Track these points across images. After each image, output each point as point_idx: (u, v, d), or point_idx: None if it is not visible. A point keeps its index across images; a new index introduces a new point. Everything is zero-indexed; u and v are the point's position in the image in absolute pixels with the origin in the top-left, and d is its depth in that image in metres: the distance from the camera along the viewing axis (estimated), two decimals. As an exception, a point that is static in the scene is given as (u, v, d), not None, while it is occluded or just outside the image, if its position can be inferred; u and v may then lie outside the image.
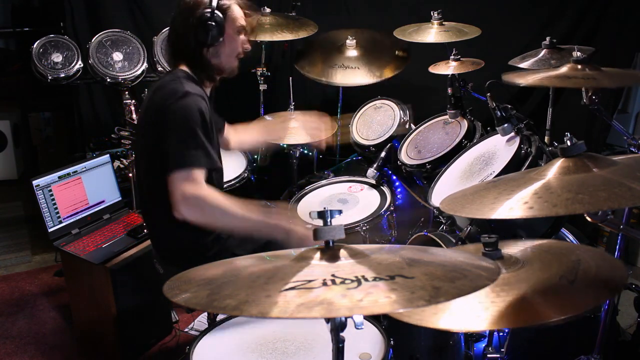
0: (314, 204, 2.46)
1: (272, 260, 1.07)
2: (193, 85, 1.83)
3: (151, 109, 1.88)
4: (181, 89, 1.78)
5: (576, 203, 0.98)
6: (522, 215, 1.02)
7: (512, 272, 1.17)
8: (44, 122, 4.34)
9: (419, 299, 0.82)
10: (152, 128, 1.84)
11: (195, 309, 2.15)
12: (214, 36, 1.84)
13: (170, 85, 1.83)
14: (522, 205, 1.04)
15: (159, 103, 1.81)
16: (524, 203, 1.04)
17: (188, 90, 1.78)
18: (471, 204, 1.16)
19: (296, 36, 2.94)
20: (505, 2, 3.48)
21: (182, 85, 1.80)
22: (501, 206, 1.07)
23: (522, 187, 1.11)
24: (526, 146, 1.93)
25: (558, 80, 1.59)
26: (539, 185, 1.10)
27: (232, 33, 1.89)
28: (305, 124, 2.51)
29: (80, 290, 2.43)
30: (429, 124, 2.66)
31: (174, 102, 1.76)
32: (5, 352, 2.47)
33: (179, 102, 1.76)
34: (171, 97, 1.77)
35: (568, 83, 1.58)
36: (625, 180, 1.02)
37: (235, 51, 1.93)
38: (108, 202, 2.61)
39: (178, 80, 1.84)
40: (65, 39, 3.01)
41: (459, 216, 2.04)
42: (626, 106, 3.57)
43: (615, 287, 1.14)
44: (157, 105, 1.83)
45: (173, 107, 1.76)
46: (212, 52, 1.88)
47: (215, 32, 1.83)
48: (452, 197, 1.27)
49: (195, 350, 1.47)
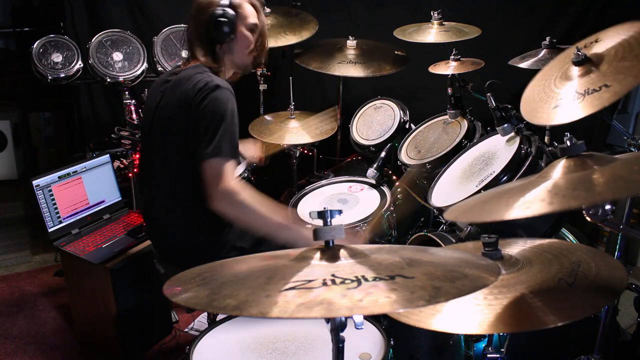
0: (314, 204, 2.46)
1: (272, 260, 1.07)
2: (220, 79, 1.85)
3: (174, 103, 1.85)
4: (212, 81, 1.79)
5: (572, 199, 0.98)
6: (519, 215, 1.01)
7: (512, 273, 1.17)
8: (44, 122, 4.34)
9: (419, 299, 0.82)
10: (175, 124, 1.83)
11: (195, 309, 2.16)
12: (225, 33, 1.88)
13: (198, 77, 1.82)
14: (540, 202, 1.02)
15: (186, 96, 1.80)
16: (542, 200, 1.02)
17: (218, 84, 1.79)
18: (473, 210, 1.16)
19: (299, 38, 2.94)
20: (505, 2, 3.49)
21: (212, 78, 1.81)
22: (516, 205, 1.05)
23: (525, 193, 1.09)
24: (526, 146, 1.93)
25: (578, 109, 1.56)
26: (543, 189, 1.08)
27: (244, 30, 1.93)
28: (247, 151, 2.52)
29: (80, 290, 2.43)
30: (429, 124, 2.66)
31: (206, 96, 1.76)
32: (5, 352, 2.47)
33: (211, 95, 1.76)
34: (202, 90, 1.78)
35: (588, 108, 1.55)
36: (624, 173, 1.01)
37: (248, 48, 1.97)
38: (108, 202, 2.61)
39: (205, 73, 1.85)
40: (65, 39, 3.01)
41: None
42: (626, 106, 3.57)
43: (615, 291, 1.13)
44: (184, 98, 1.81)
45: (205, 100, 1.76)
46: (225, 49, 1.92)
47: (227, 29, 1.88)
48: (458, 207, 1.26)
49: (195, 350, 1.47)
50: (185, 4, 1.95)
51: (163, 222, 1.96)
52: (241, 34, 1.93)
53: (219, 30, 1.88)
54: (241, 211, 1.75)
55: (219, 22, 1.87)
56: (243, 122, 2.46)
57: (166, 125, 1.87)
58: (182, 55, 3.09)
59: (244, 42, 1.95)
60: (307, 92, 3.56)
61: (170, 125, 1.85)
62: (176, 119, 1.83)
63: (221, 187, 1.72)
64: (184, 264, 1.15)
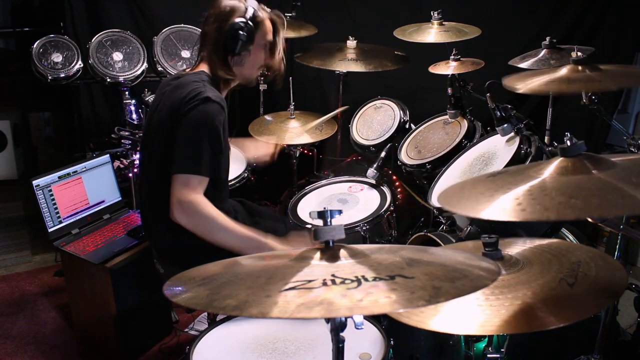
0: (314, 204, 2.46)
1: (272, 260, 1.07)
2: (214, 91, 1.84)
3: (167, 107, 1.87)
4: (203, 93, 1.79)
5: (568, 208, 0.96)
6: (513, 218, 1.00)
7: (512, 273, 1.17)
8: (44, 122, 4.34)
9: (419, 299, 0.82)
10: (165, 127, 1.84)
11: (195, 309, 2.15)
12: (242, 46, 1.87)
13: (192, 86, 1.83)
14: (515, 207, 1.01)
15: (177, 103, 1.81)
16: (518, 204, 1.01)
17: (209, 96, 1.78)
18: (467, 200, 1.14)
19: (297, 34, 2.94)
20: (505, 2, 3.49)
21: (205, 89, 1.81)
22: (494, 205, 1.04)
23: (519, 184, 1.08)
24: (526, 146, 1.93)
25: (559, 85, 1.58)
26: (534, 185, 1.07)
27: (260, 46, 1.92)
28: (258, 150, 2.52)
29: (80, 290, 2.43)
30: (429, 124, 2.66)
31: (193, 107, 1.77)
32: (5, 352, 2.46)
33: (198, 107, 1.77)
34: (191, 100, 1.78)
35: (570, 88, 1.57)
36: (622, 185, 1.00)
37: (259, 63, 1.97)
38: (108, 202, 2.61)
39: (201, 82, 1.85)
40: (65, 39, 3.01)
41: (459, 216, 2.04)
42: (626, 106, 3.57)
43: (615, 291, 1.13)
44: (175, 105, 1.82)
45: (191, 111, 1.77)
46: (236, 60, 1.91)
47: (245, 43, 1.87)
48: (449, 191, 1.25)
49: (195, 350, 1.47)
50: (185, 4, 1.95)
51: (161, 222, 1.96)
52: (256, 49, 1.92)
53: (237, 42, 1.86)
54: (200, 223, 1.77)
55: (239, 34, 1.85)
56: (243, 122, 2.47)
57: (159, 128, 1.90)
58: (182, 56, 3.09)
59: (257, 58, 1.95)
60: (307, 92, 3.56)
61: (162, 129, 1.87)
62: (167, 124, 1.85)
63: (181, 199, 1.75)
64: (183, 264, 1.15)
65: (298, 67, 3.04)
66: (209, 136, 1.77)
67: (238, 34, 1.85)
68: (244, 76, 1.98)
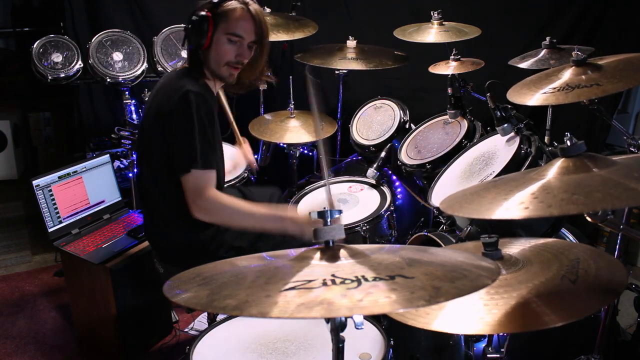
0: (314, 204, 2.46)
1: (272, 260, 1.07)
2: (193, 83, 1.81)
3: (154, 108, 1.87)
4: (182, 87, 1.77)
5: (571, 204, 0.98)
6: (517, 215, 1.02)
7: (512, 273, 1.17)
8: (44, 122, 4.34)
9: (419, 298, 0.82)
10: (157, 129, 1.84)
11: (195, 309, 2.16)
12: (198, 40, 1.81)
13: (173, 83, 1.83)
14: (518, 206, 1.04)
15: (162, 101, 1.82)
16: (520, 203, 1.04)
17: (189, 89, 1.77)
18: (470, 203, 1.16)
19: (296, 36, 2.94)
20: (505, 2, 3.49)
21: (183, 83, 1.79)
22: (499, 207, 1.07)
23: (521, 188, 1.10)
24: (526, 146, 1.93)
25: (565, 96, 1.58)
26: (537, 186, 1.09)
27: (222, 40, 1.81)
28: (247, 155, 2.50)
29: (80, 290, 2.43)
30: (429, 124, 2.66)
31: (176, 102, 1.76)
32: (5, 352, 2.47)
33: (179, 101, 1.75)
34: (173, 96, 1.77)
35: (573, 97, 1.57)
36: (623, 180, 1.01)
37: (222, 59, 1.84)
38: (108, 202, 2.61)
39: (183, 78, 1.83)
40: (65, 39, 3.01)
41: (459, 216, 2.04)
42: (626, 106, 3.57)
43: (615, 291, 1.13)
44: (161, 102, 1.83)
45: (174, 108, 1.76)
46: (202, 54, 1.86)
47: (201, 37, 1.80)
48: (452, 197, 1.27)
49: (195, 350, 1.47)
50: (185, 4, 1.94)
51: (160, 222, 1.96)
52: (217, 43, 1.81)
53: (192, 34, 1.81)
54: (226, 215, 1.79)
55: (192, 23, 1.80)
56: (243, 122, 2.46)
57: (148, 129, 1.90)
58: (183, 56, 3.10)
59: (218, 53, 1.82)
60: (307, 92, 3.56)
61: (151, 130, 1.88)
62: (155, 125, 1.85)
63: (201, 200, 1.75)
64: (183, 264, 1.15)
65: (298, 66, 3.04)
66: (198, 128, 1.75)
67: (193, 29, 1.80)
68: (214, 72, 1.88)
